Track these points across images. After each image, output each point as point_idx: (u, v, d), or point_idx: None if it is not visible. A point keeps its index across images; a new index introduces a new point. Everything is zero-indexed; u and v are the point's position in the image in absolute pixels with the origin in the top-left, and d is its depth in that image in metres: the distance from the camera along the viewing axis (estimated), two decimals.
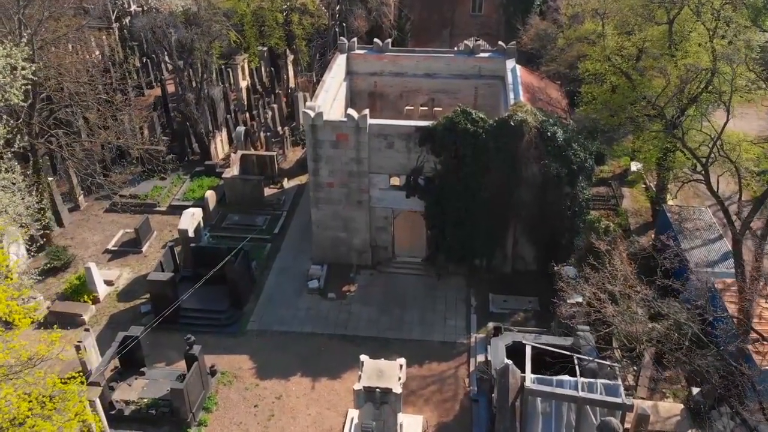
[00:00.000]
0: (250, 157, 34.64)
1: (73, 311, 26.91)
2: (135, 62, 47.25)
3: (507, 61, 31.35)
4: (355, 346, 25.02)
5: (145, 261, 30.22)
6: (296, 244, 30.63)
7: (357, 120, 25.72)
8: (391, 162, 26.71)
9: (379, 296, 27.45)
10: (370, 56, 32.49)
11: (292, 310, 26.81)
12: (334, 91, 29.68)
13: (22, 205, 19.58)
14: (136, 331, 23.38)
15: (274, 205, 33.12)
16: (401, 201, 27.47)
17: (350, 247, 28.60)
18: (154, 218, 32.92)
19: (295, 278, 28.51)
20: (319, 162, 26.75)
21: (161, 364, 24.57)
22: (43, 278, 29.10)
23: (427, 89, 32.66)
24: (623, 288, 19.52)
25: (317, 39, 43.85)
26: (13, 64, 16.46)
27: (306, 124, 26.10)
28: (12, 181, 19.08)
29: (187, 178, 35.80)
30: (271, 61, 46.33)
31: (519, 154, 25.63)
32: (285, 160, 37.72)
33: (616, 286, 19.47)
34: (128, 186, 34.71)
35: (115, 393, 22.93)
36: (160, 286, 25.81)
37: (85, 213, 33.89)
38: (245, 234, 30.29)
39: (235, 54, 44.83)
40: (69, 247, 30.91)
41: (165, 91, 42.68)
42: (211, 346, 25.09)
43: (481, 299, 27.15)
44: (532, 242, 27.64)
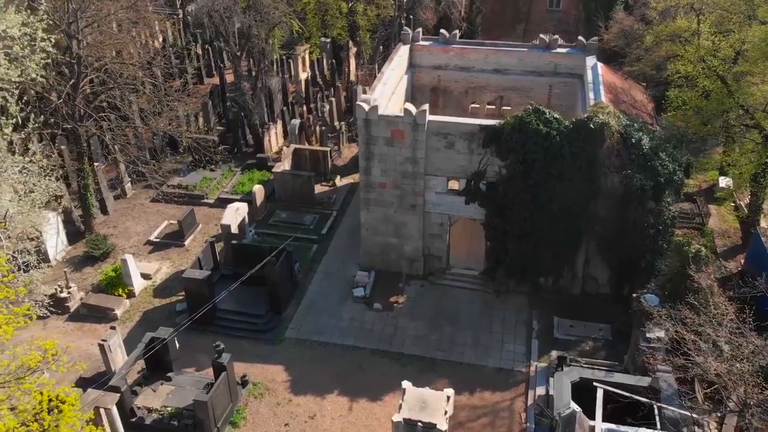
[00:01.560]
0: (303, 151, 32.70)
1: (106, 305, 25.54)
2: (196, 49, 46.21)
3: (587, 58, 28.32)
4: (399, 365, 22.63)
5: (186, 255, 28.66)
6: (344, 247, 28.44)
7: (415, 116, 23.29)
8: (450, 164, 24.15)
9: (429, 310, 24.93)
10: (435, 48, 29.99)
11: (334, 320, 24.62)
12: (394, 84, 27.33)
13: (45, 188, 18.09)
14: (165, 333, 21.62)
15: (324, 203, 31.05)
16: (459, 207, 24.88)
17: (401, 255, 26.20)
18: (201, 211, 31.43)
19: (340, 284, 26.33)
20: (371, 160, 24.45)
21: (190, 370, 22.83)
22: (79, 267, 28.04)
23: (495, 86, 29.92)
24: (728, 335, 16.23)
25: (381, 30, 41.59)
26: (31, 34, 15.01)
27: (359, 118, 23.84)
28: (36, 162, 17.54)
29: (238, 170, 34.21)
30: (333, 53, 44.45)
31: (598, 162, 22.66)
32: (340, 156, 35.66)
33: (721, 334, 16.21)
34: (176, 175, 33.45)
35: (138, 398, 21.26)
36: (196, 285, 24.07)
37: (130, 201, 32.69)
38: (292, 233, 28.34)
39: (297, 44, 43.18)
40: (110, 236, 29.71)
41: (223, 80, 41.53)
42: (244, 353, 23.25)
43: (545, 323, 24.26)
44: (606, 262, 24.56)
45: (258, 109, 36.27)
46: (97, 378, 21.90)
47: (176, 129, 31.37)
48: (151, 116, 30.14)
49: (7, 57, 14.63)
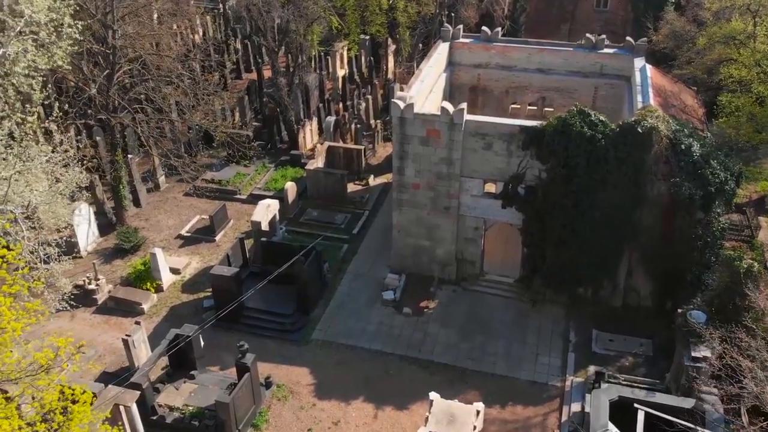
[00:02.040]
0: (337, 149, 32.10)
1: (133, 299, 25.29)
2: (236, 44, 46.06)
3: (635, 60, 27.03)
4: (427, 373, 21.81)
5: (217, 251, 28.30)
6: (375, 248, 27.71)
7: (452, 114, 22.43)
8: (487, 165, 23.23)
9: (460, 317, 24.04)
10: (476, 46, 29.04)
11: (362, 323, 23.92)
12: (431, 82, 26.49)
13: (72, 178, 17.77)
14: (189, 330, 21.20)
15: (357, 203, 30.39)
16: (495, 211, 23.93)
17: (433, 258, 25.36)
18: (233, 206, 31.08)
19: (370, 286, 25.61)
20: (405, 160, 23.67)
21: (215, 368, 22.39)
22: (109, 259, 27.92)
23: (538, 86, 28.83)
24: None
25: (421, 27, 40.75)
26: (58, 20, 14.69)
27: (394, 116, 23.07)
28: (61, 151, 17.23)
29: (272, 166, 33.81)
30: (371, 50, 43.80)
31: (644, 168, 21.50)
32: (374, 155, 34.96)
33: None
34: (210, 170, 33.20)
35: (160, 396, 20.89)
36: (224, 282, 23.63)
37: (164, 194, 32.52)
38: (323, 232, 27.75)
39: (335, 41, 42.65)
40: (142, 229, 29.54)
41: (261, 76, 41.20)
42: (270, 354, 22.74)
43: (583, 335, 23.16)
44: (649, 274, 23.34)
45: (294, 106, 35.81)
46: (120, 373, 21.63)
47: (211, 123, 31.11)
48: (188, 110, 29.92)
49: (35, 44, 14.35)
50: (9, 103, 14.19)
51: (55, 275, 16.76)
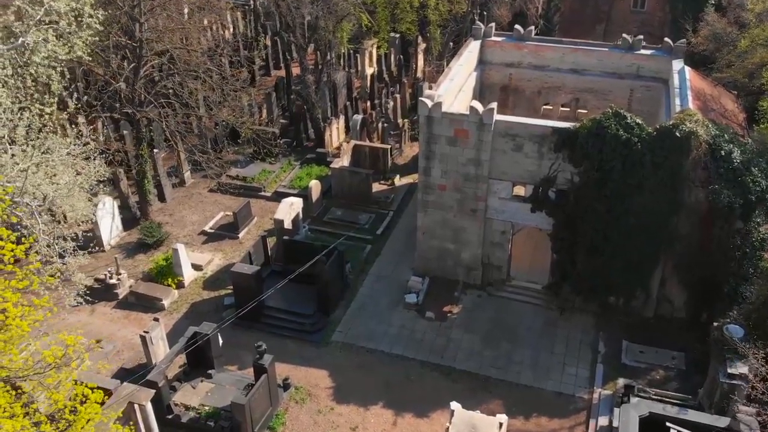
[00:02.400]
0: (363, 148, 31.58)
1: (154, 294, 25.07)
2: (265, 41, 45.85)
3: (673, 62, 26.04)
4: (449, 380, 21.17)
5: (240, 248, 27.98)
6: (399, 249, 27.12)
7: (481, 114, 21.75)
8: (517, 168, 22.51)
9: (485, 324, 23.34)
10: (508, 45, 28.28)
11: (383, 326, 23.36)
12: (461, 81, 25.82)
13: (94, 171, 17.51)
14: (208, 328, 20.85)
15: (381, 203, 29.83)
16: (524, 215, 23.19)
17: (458, 262, 24.69)
18: (258, 203, 30.76)
19: (392, 289, 25.02)
20: (431, 160, 23.04)
21: (233, 368, 22.03)
22: (132, 254, 27.78)
23: (571, 87, 27.97)
24: None
25: (452, 25, 40.02)
26: (79, 10, 14.41)
27: (421, 114, 22.45)
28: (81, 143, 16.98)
29: (298, 164, 33.44)
30: (401, 48, 43.21)
31: (682, 174, 20.60)
32: (401, 155, 34.37)
33: None
34: (235, 167, 32.95)
35: (176, 394, 20.57)
36: (244, 280, 23.26)
37: (189, 190, 32.34)
38: (346, 232, 27.27)
39: (364, 39, 42.14)
40: (165, 224, 29.36)
41: (289, 73, 40.93)
42: (289, 354, 22.32)
43: (612, 346, 22.29)
44: (684, 284, 22.39)
45: (321, 103, 35.42)
46: (138, 370, 21.40)
47: (237, 119, 30.85)
48: (215, 105, 29.69)
49: (56, 33, 14.11)
50: (27, 94, 13.96)
51: (70, 270, 16.44)
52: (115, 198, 29.33)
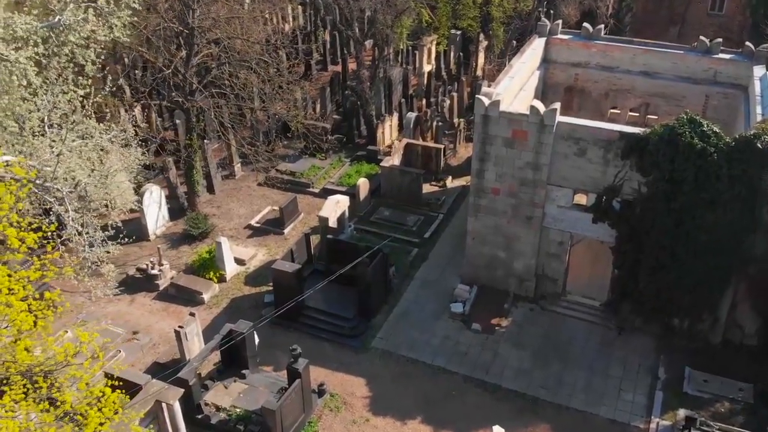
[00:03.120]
0: (415, 147, 30.40)
1: (194, 287, 24.54)
2: (324, 35, 45.25)
3: (755, 68, 23.92)
4: (494, 399, 19.81)
5: (284, 244, 27.24)
6: (447, 255, 25.83)
7: (542, 114, 20.27)
8: (579, 174, 20.93)
9: (536, 340, 21.86)
10: (575, 43, 26.62)
11: (426, 335, 22.15)
12: (522, 79, 24.35)
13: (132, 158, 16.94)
14: (244, 326, 20.09)
15: (432, 205, 28.57)
16: (585, 225, 21.59)
17: (509, 272, 23.25)
18: (305, 199, 30.00)
19: (438, 296, 23.78)
20: (486, 162, 21.68)
21: (268, 368, 21.23)
22: (176, 245, 27.38)
23: (641, 90, 26.11)
24: None
25: (516, 22, 38.41)
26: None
27: (477, 113, 21.12)
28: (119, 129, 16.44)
29: (348, 161, 32.55)
30: (461, 45, 41.82)
31: (761, 190, 18.67)
32: (454, 155, 33.05)
33: None
34: (285, 161, 32.30)
35: (208, 393, 19.88)
36: (285, 278, 22.44)
37: (238, 183, 31.84)
38: (393, 233, 26.19)
39: (424, 35, 40.93)
40: (212, 216, 28.90)
41: (345, 68, 40.19)
42: (326, 358, 21.40)
43: (674, 373, 20.48)
44: (757, 309, 20.43)
45: (375, 100, 34.42)
46: (171, 365, 20.84)
47: (289, 113, 30.18)
48: (268, 98, 29.10)
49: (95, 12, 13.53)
50: (62, 75, 13.44)
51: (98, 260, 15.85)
52: (164, 187, 29.08)
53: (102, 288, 17.84)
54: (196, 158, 28.30)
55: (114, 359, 21.65)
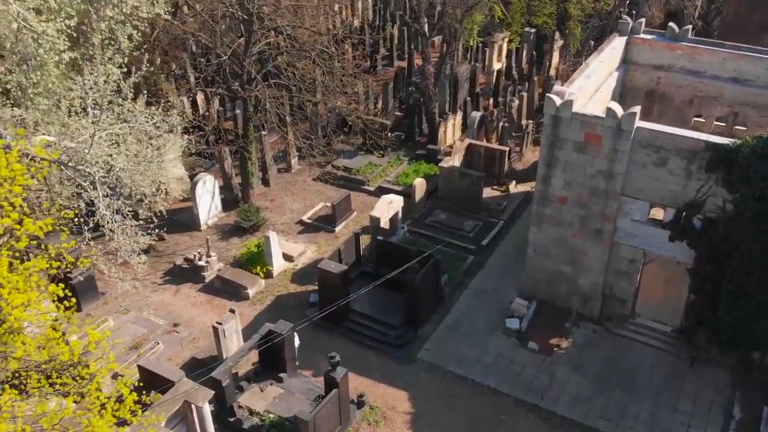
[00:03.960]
0: (478, 148, 28.77)
1: (240, 281, 23.74)
2: (392, 30, 44.11)
3: None
4: (548, 427, 18.14)
5: (334, 242, 26.17)
6: (505, 265, 24.16)
7: (620, 118, 18.39)
8: (657, 186, 18.94)
9: (598, 365, 19.98)
10: (658, 44, 24.43)
11: (477, 351, 20.60)
12: (599, 79, 22.43)
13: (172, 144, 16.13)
14: (284, 327, 19.06)
15: (492, 210, 26.89)
16: (660, 243, 19.56)
17: (573, 288, 21.41)
18: (359, 197, 28.88)
19: (493, 309, 22.17)
20: (553, 167, 19.91)
21: (308, 373, 20.15)
22: (227, 236, 26.71)
23: (730, 99, 23.72)
24: None
25: (595, 21, 36.17)
26: None
27: (547, 113, 19.38)
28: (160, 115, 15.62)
29: (406, 159, 31.24)
30: (535, 44, 39.85)
31: None
32: (520, 159, 31.23)
33: None
34: (342, 156, 31.27)
35: (242, 395, 18.94)
36: (330, 278, 21.32)
37: (294, 176, 30.99)
38: (448, 238, 24.78)
39: (495, 31, 39.18)
40: (265, 210, 28.13)
41: (411, 64, 38.96)
42: (368, 367, 20.20)
43: (750, 412, 18.26)
44: None
45: (439, 97, 32.96)
46: (208, 362, 20.06)
47: (349, 107, 29.13)
48: (331, 92, 28.17)
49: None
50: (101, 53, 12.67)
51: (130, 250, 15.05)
52: (218, 178, 28.54)
53: (130, 281, 17.06)
54: (251, 149, 27.58)
55: (152, 351, 21.08)
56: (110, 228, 13.82)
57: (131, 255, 15.12)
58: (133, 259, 15.50)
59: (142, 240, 15.50)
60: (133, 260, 15.58)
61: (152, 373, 18.69)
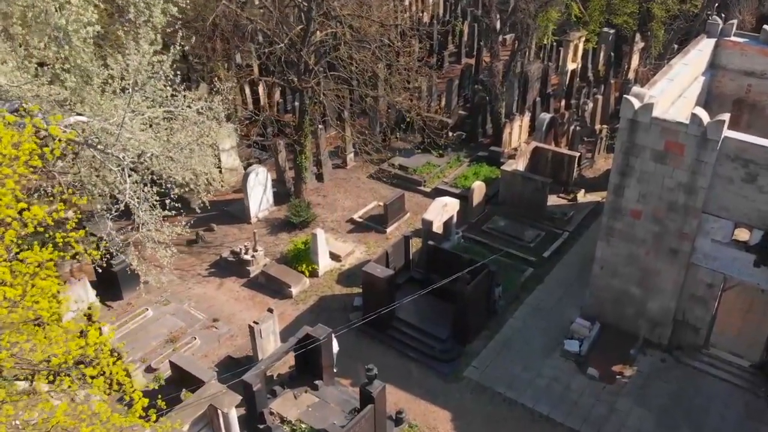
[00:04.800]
0: (545, 152, 26.91)
1: (284, 279, 22.81)
2: (462, 26, 42.57)
3: None
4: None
5: (384, 244, 24.94)
6: (567, 280, 22.33)
7: (706, 126, 16.35)
8: (744, 204, 16.80)
9: (664, 398, 17.99)
10: (751, 48, 22.04)
11: (530, 373, 18.92)
12: (683, 84, 20.30)
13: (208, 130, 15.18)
14: (322, 332, 17.94)
15: (557, 219, 25.01)
16: (743, 268, 17.39)
17: (641, 312, 19.43)
18: (414, 198, 27.56)
19: (550, 328, 20.42)
20: (627, 177, 17.99)
21: (345, 382, 18.98)
22: (276, 231, 25.86)
23: None
24: None
25: (680, 23, 33.61)
26: None
27: (623, 117, 17.49)
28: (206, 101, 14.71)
29: (467, 161, 29.69)
30: (614, 45, 37.51)
31: None
32: (591, 166, 29.15)
33: None
34: (400, 154, 30.01)
35: (275, 401, 17.92)
36: (374, 283, 20.06)
37: (349, 173, 29.92)
38: (506, 247, 23.17)
39: (571, 29, 37.07)
40: (316, 206, 27.19)
41: (479, 61, 37.33)
42: (410, 381, 18.89)
43: None
44: None
45: (506, 96, 31.20)
46: (244, 362, 19.18)
47: (409, 103, 27.80)
48: (394, 88, 26.98)
49: None
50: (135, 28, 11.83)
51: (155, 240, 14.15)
52: (271, 170, 27.80)
53: (155, 275, 16.23)
54: (306, 143, 26.63)
55: (188, 346, 20.38)
56: (138, 215, 12.95)
57: (156, 247, 14.24)
58: (158, 251, 14.63)
59: (170, 231, 14.57)
60: (158, 252, 14.71)
61: (183, 370, 17.99)
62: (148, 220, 12.93)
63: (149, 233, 13.32)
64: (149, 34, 11.62)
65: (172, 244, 15.89)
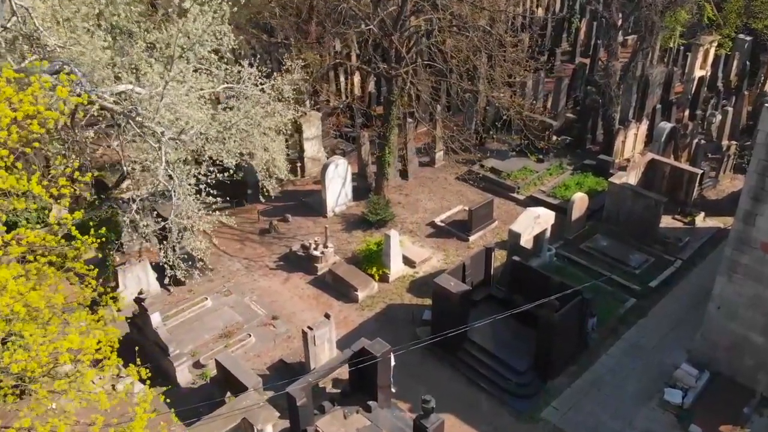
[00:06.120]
0: (662, 166, 23.51)
1: (351, 281, 20.94)
2: (579, 24, 39.38)
3: None
4: None
5: (466, 253, 22.57)
6: (675, 317, 19.08)
7: None
8: None
9: None
10: None
11: (620, 422, 16.01)
12: None
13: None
14: (380, 347, 15.87)
15: (669, 245, 21.62)
16: None
17: (763, 364, 16.01)
18: (505, 205, 25.06)
19: (649, 371, 17.35)
20: (761, 203, 14.69)
21: (404, 405, 16.84)
22: (351, 228, 24.12)
23: None
24: None
25: None
26: None
27: (762, 130, 14.22)
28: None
29: (570, 168, 26.73)
30: (750, 52, 33.17)
31: None
32: (714, 186, 25.40)
33: None
34: (493, 156, 27.50)
35: (322, 419, 16.02)
36: (446, 297, 17.77)
37: (435, 172, 27.74)
38: (606, 271, 20.21)
39: (703, 33, 33.06)
40: (396, 204, 25.24)
41: (595, 61, 34.18)
42: (478, 415, 16.53)
43: None
44: None
45: (622, 100, 27.90)
46: (297, 368, 17.54)
47: (510, 101, 25.31)
48: (496, 85, 24.67)
49: None
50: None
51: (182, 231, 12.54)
52: (354, 163, 26.14)
53: (183, 270, 14.65)
54: (391, 136, 24.66)
55: (241, 344, 18.93)
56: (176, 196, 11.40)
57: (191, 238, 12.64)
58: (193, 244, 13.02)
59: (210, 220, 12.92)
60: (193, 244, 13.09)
61: (228, 371, 16.51)
62: (186, 207, 11.36)
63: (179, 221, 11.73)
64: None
65: (236, 236, 14.31)
